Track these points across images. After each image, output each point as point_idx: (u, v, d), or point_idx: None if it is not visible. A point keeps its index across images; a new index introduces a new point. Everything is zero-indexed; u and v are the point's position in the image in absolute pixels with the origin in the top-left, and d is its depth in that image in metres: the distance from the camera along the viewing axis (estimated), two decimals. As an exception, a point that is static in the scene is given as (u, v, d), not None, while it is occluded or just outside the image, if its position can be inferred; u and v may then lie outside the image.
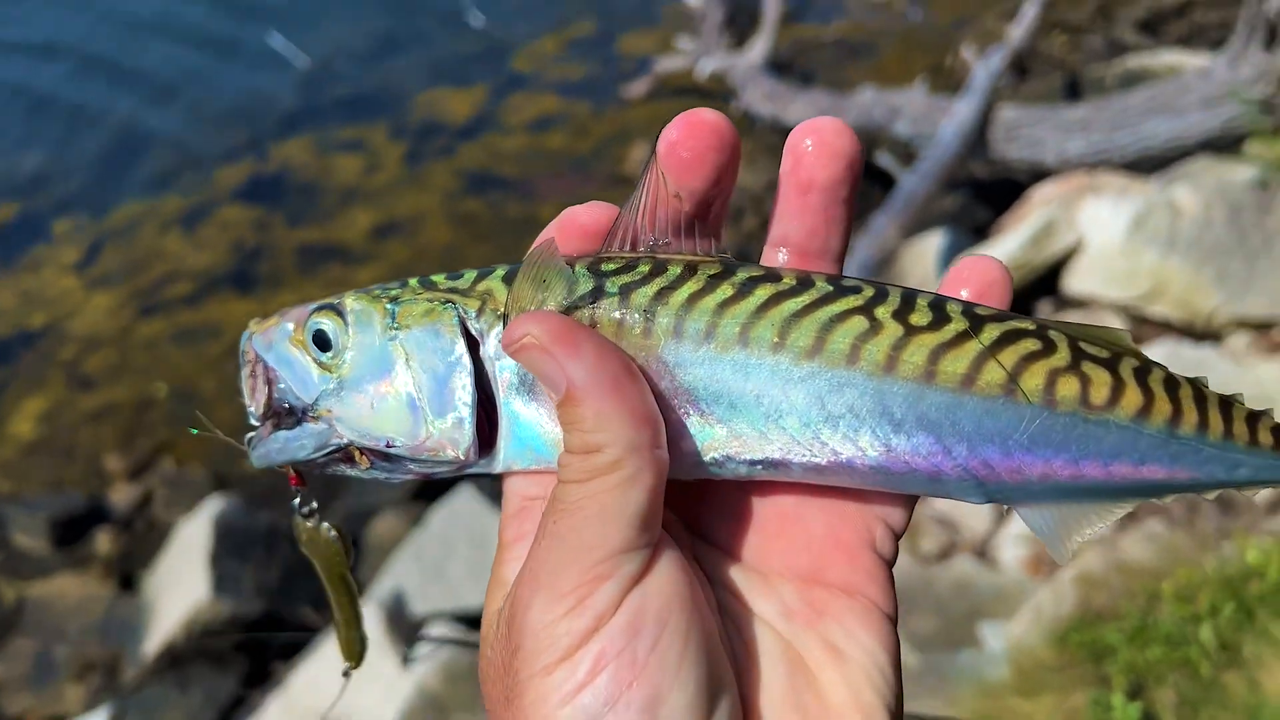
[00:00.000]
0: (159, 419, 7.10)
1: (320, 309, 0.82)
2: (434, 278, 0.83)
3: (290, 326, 0.83)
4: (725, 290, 0.75)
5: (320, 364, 0.82)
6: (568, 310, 0.74)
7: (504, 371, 0.78)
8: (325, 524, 0.88)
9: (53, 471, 6.86)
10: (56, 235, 8.75)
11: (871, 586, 0.75)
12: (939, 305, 0.76)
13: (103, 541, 6.26)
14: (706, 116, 0.74)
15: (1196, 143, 6.78)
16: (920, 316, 0.75)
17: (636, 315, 0.75)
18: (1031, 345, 0.75)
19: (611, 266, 0.76)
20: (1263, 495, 4.93)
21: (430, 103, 9.76)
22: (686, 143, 0.74)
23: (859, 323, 0.74)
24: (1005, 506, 0.78)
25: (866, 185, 8.11)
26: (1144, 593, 3.19)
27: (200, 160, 9.13)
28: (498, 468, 0.79)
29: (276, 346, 0.83)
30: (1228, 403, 0.77)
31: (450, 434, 0.78)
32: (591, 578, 0.66)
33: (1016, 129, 7.32)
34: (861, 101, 7.99)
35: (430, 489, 5.97)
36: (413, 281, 0.83)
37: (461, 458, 0.78)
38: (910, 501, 0.78)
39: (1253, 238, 6.09)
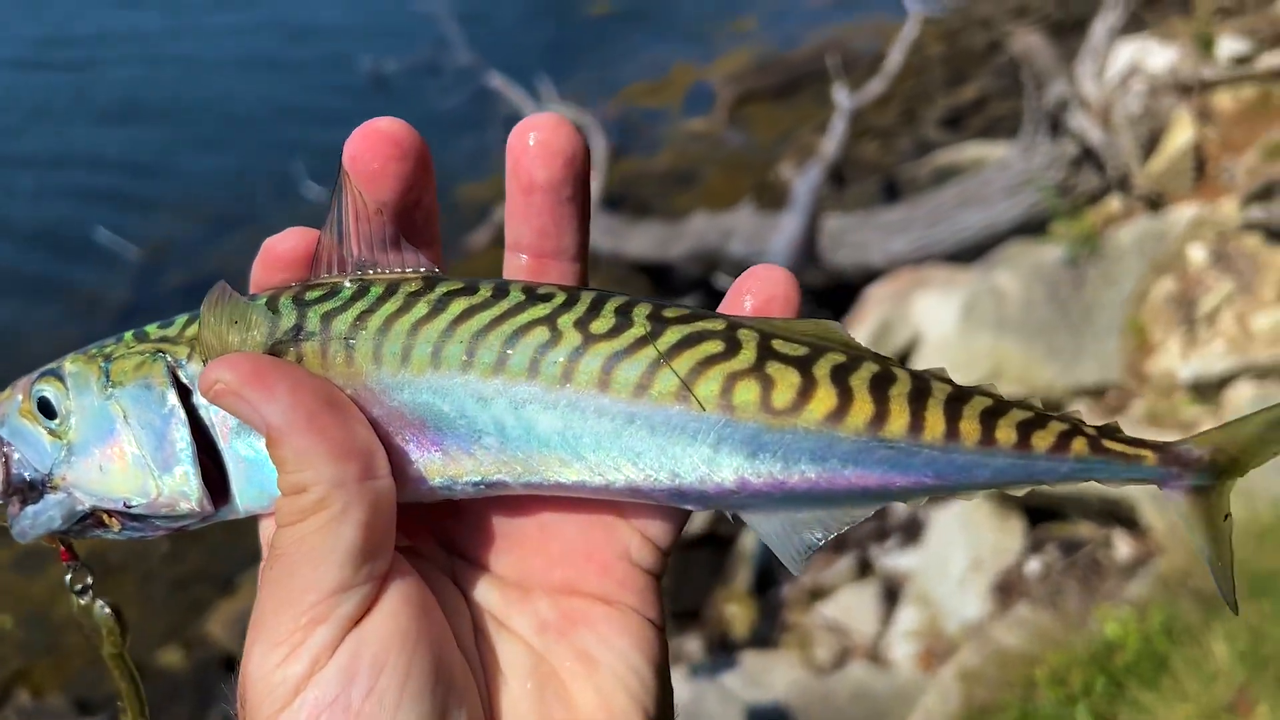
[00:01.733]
0: (9, 650, 6.65)
1: (42, 375, 0.80)
2: (147, 328, 0.81)
3: (19, 398, 0.81)
4: (421, 309, 0.73)
5: (50, 432, 0.79)
6: (273, 347, 0.72)
7: (220, 414, 0.75)
8: (99, 601, 0.84)
9: (-107, 725, 6.32)
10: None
11: (629, 595, 0.73)
12: (626, 310, 0.73)
13: (-45, 795, 5.76)
14: (383, 125, 0.73)
15: (1007, 229, 7.21)
16: (602, 323, 0.72)
17: (338, 344, 0.73)
18: (713, 347, 0.71)
19: (315, 295, 0.74)
20: (1124, 555, 5.12)
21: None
22: (368, 155, 0.72)
23: (541, 334, 0.72)
24: (731, 516, 0.74)
25: (711, 305, 8.31)
26: (1020, 681, 3.24)
27: (38, 360, 8.79)
28: (240, 513, 0.77)
29: (9, 420, 0.81)
30: (961, 397, 0.71)
31: (179, 488, 0.76)
32: (306, 621, 0.64)
33: (842, 235, 7.66)
34: (695, 227, 8.25)
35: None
36: (127, 335, 0.81)
37: (197, 509, 0.76)
38: (674, 512, 0.75)
39: (1073, 311, 6.45)
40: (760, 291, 0.75)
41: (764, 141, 10.77)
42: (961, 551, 5.60)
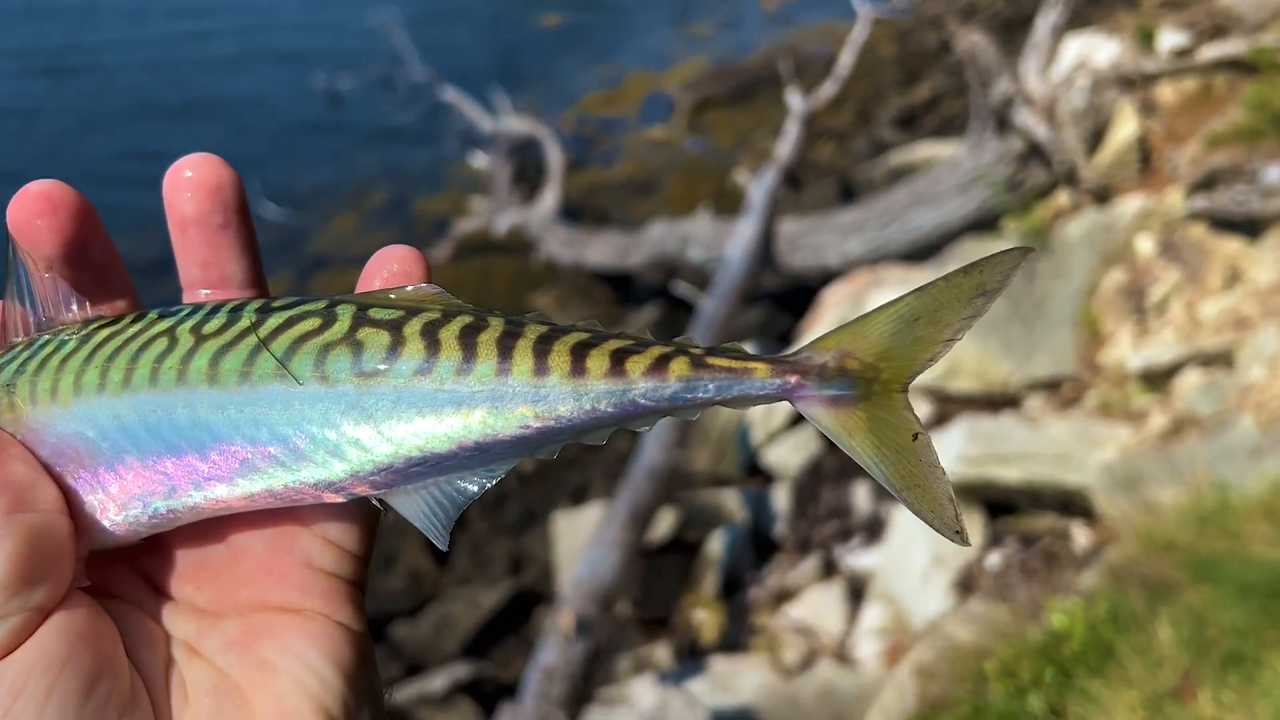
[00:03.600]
0: None
1: None
2: None
3: None
4: (71, 344, 0.75)
5: None
6: None
7: None
8: None
9: None
10: None
11: (314, 600, 0.74)
12: (239, 309, 0.75)
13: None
14: (34, 186, 0.75)
15: (959, 226, 7.28)
16: (215, 323, 0.74)
17: (3, 391, 0.74)
18: (310, 325, 0.72)
19: (3, 358, 0.76)
20: (1081, 546, 5.17)
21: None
22: (22, 216, 0.74)
23: (160, 344, 0.74)
24: (377, 505, 0.73)
25: (671, 313, 8.36)
26: (972, 676, 3.27)
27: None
28: None
29: None
30: (553, 335, 0.70)
31: None
32: None
33: (798, 239, 7.71)
34: (653, 235, 8.28)
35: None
36: None
37: None
38: (352, 509, 0.75)
39: (1024, 305, 6.52)
40: (384, 269, 0.77)
41: (721, 147, 10.82)
42: (923, 548, 5.63)
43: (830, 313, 7.00)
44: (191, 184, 0.77)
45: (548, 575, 6.43)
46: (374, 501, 0.73)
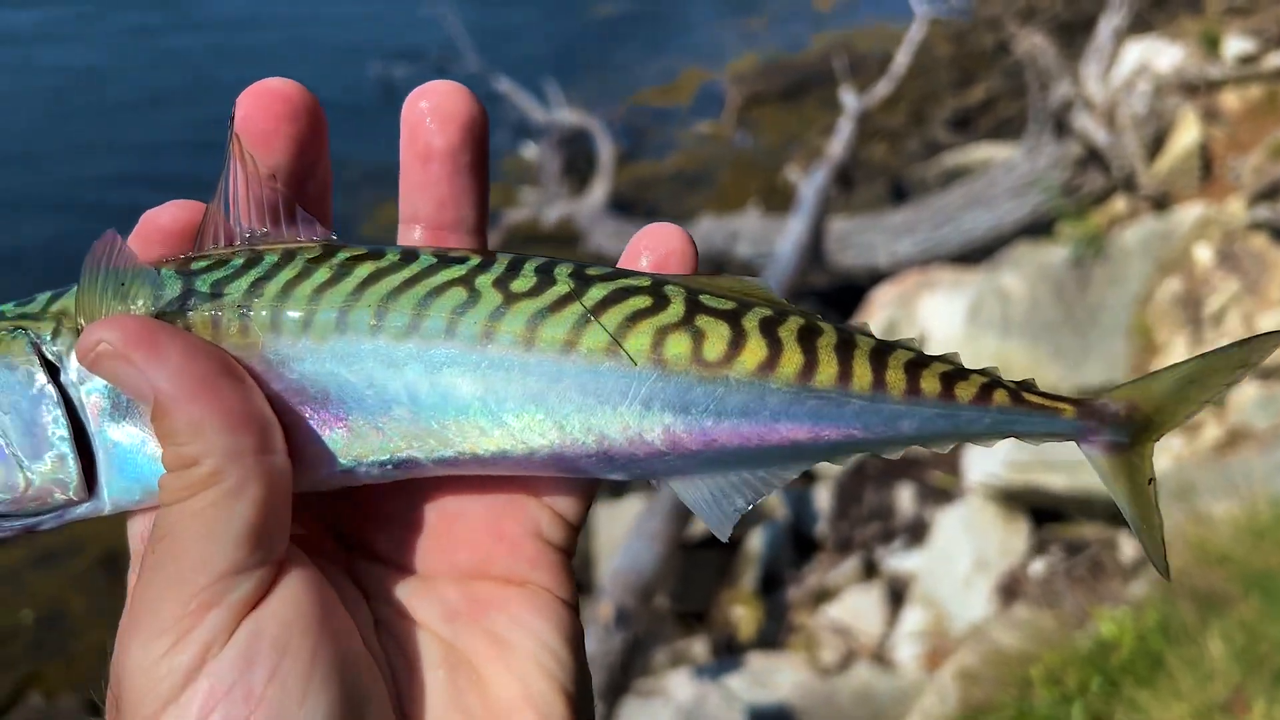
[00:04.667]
0: (21, 650, 6.71)
1: None
2: (2, 307, 0.73)
3: None
4: (322, 274, 0.68)
5: None
6: (156, 316, 0.67)
7: (92, 395, 0.69)
8: None
9: (-93, 726, 6.39)
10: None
11: (541, 573, 0.70)
12: (547, 269, 0.70)
13: (-33, 796, 5.82)
14: (274, 84, 0.69)
15: (1013, 230, 7.20)
16: (523, 282, 0.69)
17: (231, 313, 0.67)
18: (641, 302, 0.69)
19: (202, 264, 0.69)
20: (1128, 557, 5.11)
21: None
22: (259, 115, 0.68)
23: (457, 294, 0.68)
24: (653, 482, 0.72)
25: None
26: (1017, 681, 3.25)
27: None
28: (106, 508, 0.70)
29: None
30: (884, 350, 0.71)
31: (52, 476, 0.68)
32: (196, 607, 0.59)
33: (848, 237, 7.67)
34: (702, 229, 8.27)
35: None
36: None
37: (72, 498, 0.69)
38: (583, 485, 0.73)
39: (1078, 312, 6.44)
40: (656, 248, 0.74)
41: (772, 144, 10.79)
42: (966, 552, 5.60)
43: (879, 313, 6.96)
44: (442, 115, 0.71)
45: (587, 566, 6.45)
46: (652, 482, 0.72)
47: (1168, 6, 9.68)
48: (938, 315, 6.72)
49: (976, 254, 7.32)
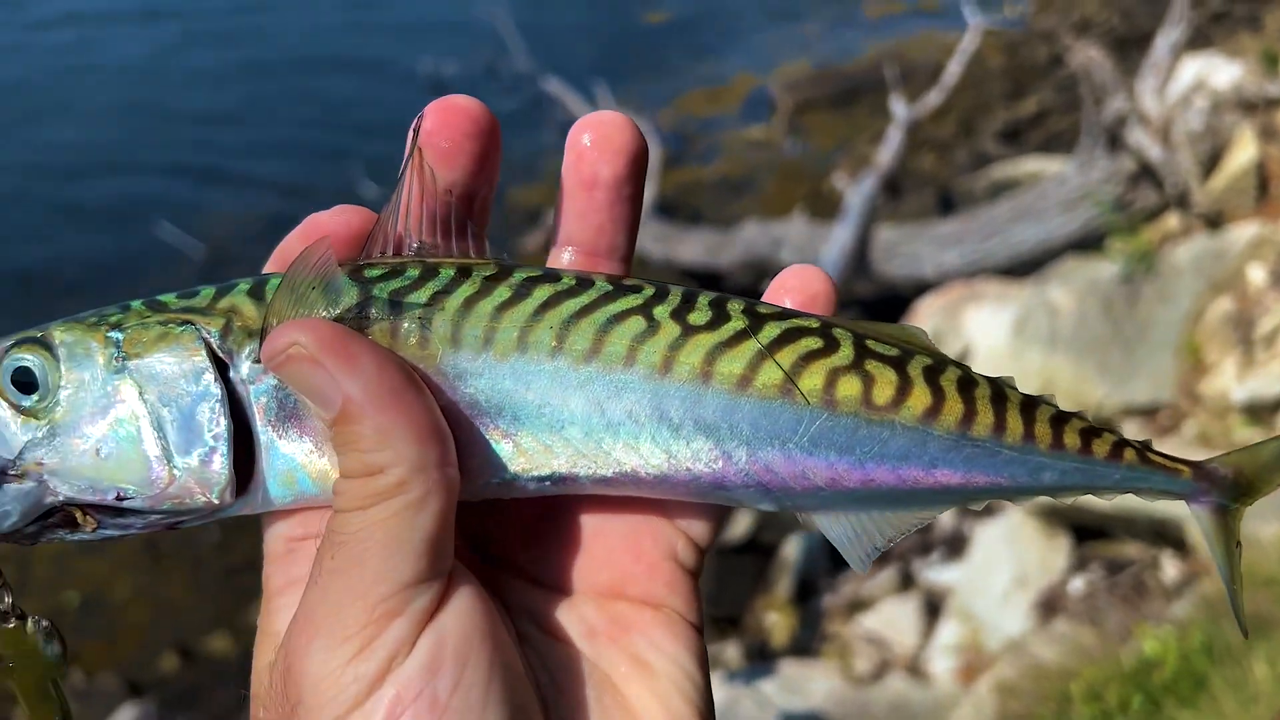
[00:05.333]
0: (67, 629, 6.82)
1: (18, 344, 0.70)
2: (162, 298, 0.73)
3: None
4: (502, 292, 0.70)
5: (21, 410, 0.69)
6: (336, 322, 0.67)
7: (260, 397, 0.69)
8: (33, 619, 0.72)
9: (-47, 699, 6.52)
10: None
11: (674, 598, 0.72)
12: (720, 304, 0.72)
13: (9, 768, 5.93)
14: (460, 101, 0.69)
15: (1062, 244, 7.14)
16: (699, 316, 0.71)
17: (411, 323, 0.68)
18: (813, 344, 0.71)
19: (376, 272, 0.70)
20: (1171, 577, 5.05)
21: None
22: (444, 132, 0.69)
23: (637, 323, 0.70)
24: (799, 515, 0.75)
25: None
26: (1056, 696, 3.22)
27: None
28: (256, 508, 0.70)
29: None
30: (1031, 404, 0.74)
31: (201, 474, 0.68)
32: (379, 615, 0.60)
33: (894, 247, 7.64)
34: (746, 235, 8.27)
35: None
36: (136, 304, 0.72)
37: (215, 501, 0.68)
38: (715, 514, 0.75)
39: (1126, 328, 6.37)
40: (802, 290, 0.76)
41: (820, 151, 10.76)
42: (1006, 567, 5.55)
43: (923, 325, 6.92)
44: (613, 146, 0.72)
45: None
46: (799, 515, 0.74)
47: (1226, 23, 9.55)
48: (983, 328, 6.67)
49: (1024, 267, 7.26)
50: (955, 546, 6.04)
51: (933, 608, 5.75)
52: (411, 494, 0.61)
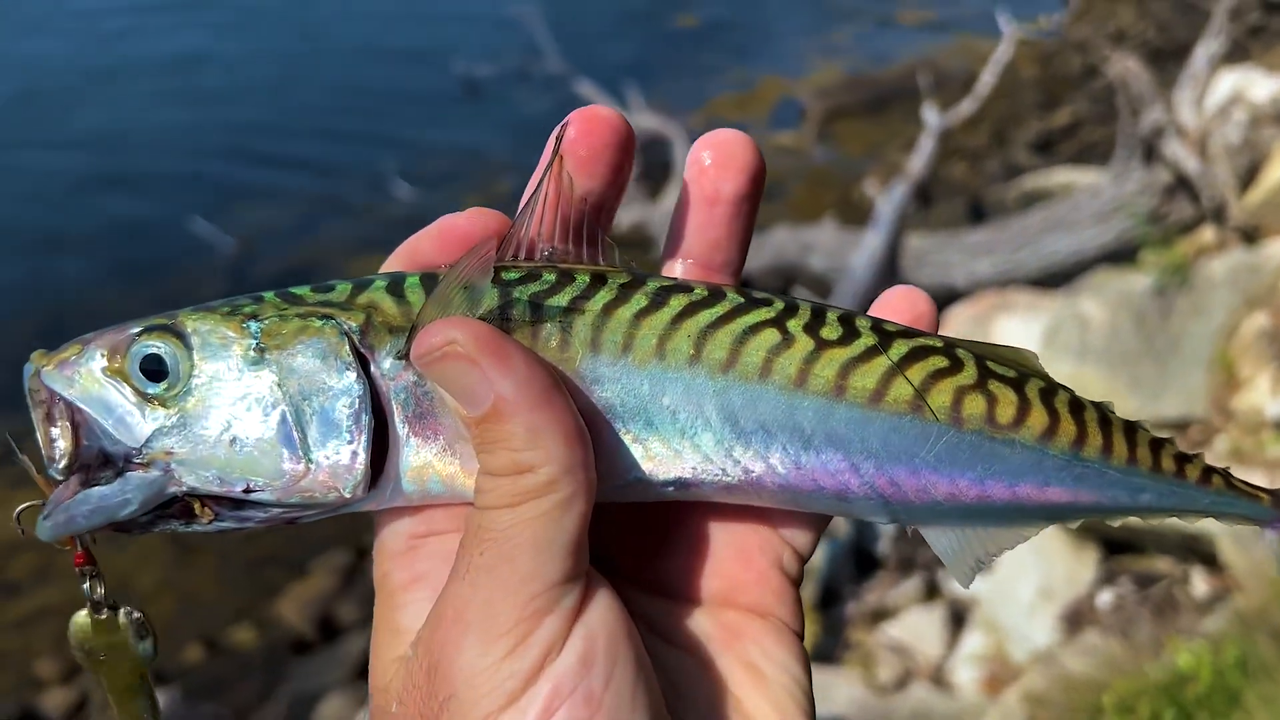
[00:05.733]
0: (92, 617, 6.88)
1: (147, 331, 0.70)
2: (295, 290, 0.72)
3: (101, 354, 0.70)
4: (640, 300, 0.71)
5: (149, 397, 0.69)
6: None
7: (399, 393, 0.69)
8: (124, 610, 0.72)
9: (-19, 683, 6.59)
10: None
11: (781, 607, 0.73)
12: (848, 320, 0.74)
13: (35, 753, 5.99)
14: (603, 112, 0.71)
15: (1095, 255, 7.09)
16: (831, 331, 0.73)
17: (552, 326, 0.69)
18: (939, 362, 0.73)
19: (514, 275, 0.70)
20: (1201, 592, 5.00)
21: (359, 270, 9.75)
22: (584, 140, 0.70)
23: (771, 335, 0.71)
24: (909, 529, 0.76)
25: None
26: (1086, 708, 3.20)
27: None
28: (382, 504, 0.70)
29: (79, 380, 0.69)
30: (1132, 428, 0.77)
31: (337, 468, 0.68)
32: (531, 612, 0.61)
33: (925, 255, 7.61)
34: (775, 240, 8.25)
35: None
36: (269, 295, 0.72)
37: (347, 496, 0.68)
38: (817, 524, 0.76)
39: (1158, 342, 6.32)
40: (908, 310, 0.78)
41: (850, 158, 10.73)
42: (1033, 579, 5.52)
43: (953, 332, 6.87)
44: (734, 163, 0.74)
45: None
46: (908, 529, 0.77)
47: (1264, 37, 9.48)
48: (1013, 338, 6.64)
49: (1055, 278, 7.22)
50: (981, 557, 6.01)
51: (957, 618, 5.72)
52: (560, 493, 0.62)
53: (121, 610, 0.72)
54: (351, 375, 0.68)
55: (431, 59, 12.95)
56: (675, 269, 0.77)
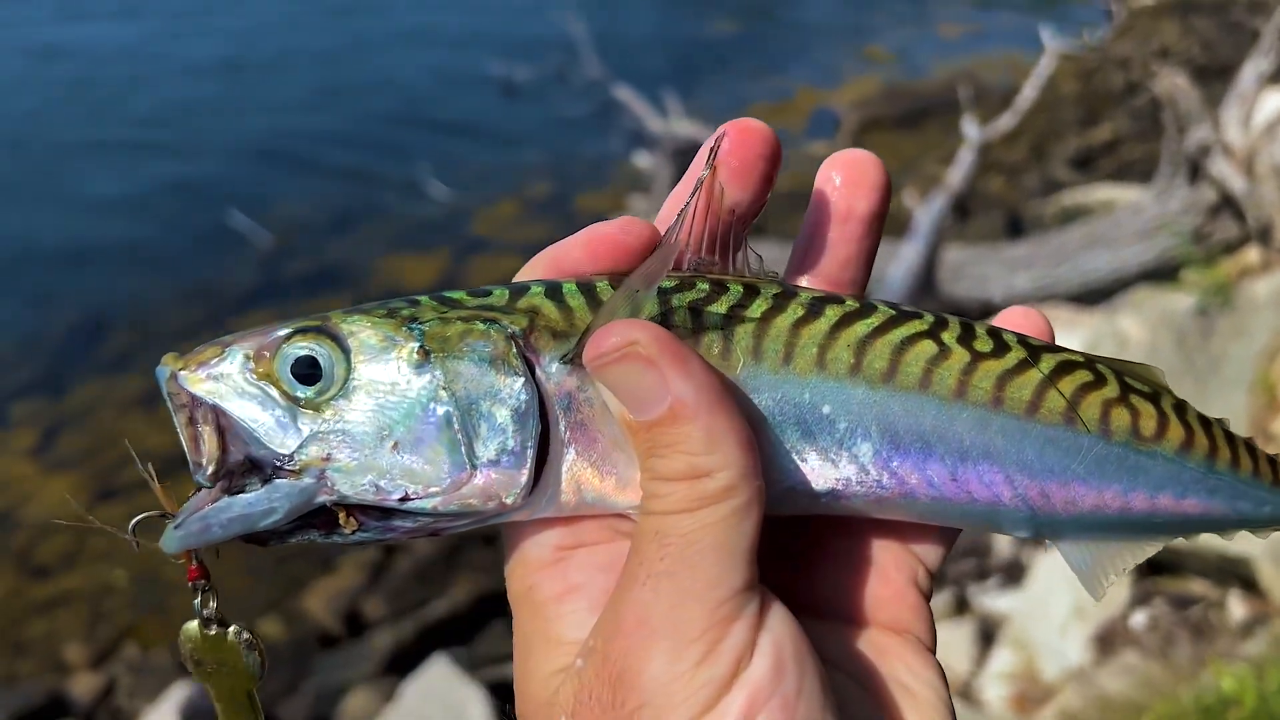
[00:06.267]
0: (121, 605, 6.93)
1: (301, 332, 0.67)
2: (451, 294, 0.70)
3: (242, 356, 0.67)
4: (796, 309, 0.70)
5: (302, 402, 0.66)
6: None
7: (564, 399, 0.67)
8: (234, 628, 0.70)
9: (8, 664, 6.64)
10: (14, 419, 8.69)
11: (918, 623, 0.74)
12: (996, 334, 0.75)
13: (62, 737, 6.02)
14: (755, 124, 0.71)
15: (1136, 273, 7.02)
16: (983, 344, 0.73)
17: (714, 334, 0.68)
18: (1085, 376, 0.74)
19: (669, 284, 0.70)
20: (1236, 618, 4.93)
21: (392, 270, 9.93)
22: (738, 152, 0.70)
23: (929, 347, 0.71)
24: (1046, 542, 0.77)
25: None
26: (1125, 729, 3.15)
27: (162, 339, 9.18)
28: (535, 514, 0.68)
29: (226, 380, 0.67)
30: (1250, 443, 0.80)
31: (502, 477, 0.66)
32: (720, 619, 0.60)
33: (962, 268, 7.55)
34: (812, 249, 8.22)
35: (401, 662, 5.83)
36: (425, 299, 0.70)
37: (508, 503, 0.66)
38: (947, 539, 0.76)
39: (1199, 362, 6.24)
40: (1030, 330, 0.79)
41: (889, 168, 10.66)
42: (1065, 597, 5.45)
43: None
44: (868, 182, 0.76)
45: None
46: (1045, 542, 0.77)
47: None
48: (1050, 354, 6.58)
49: (1095, 295, 7.15)
50: (1013, 574, 5.94)
51: (987, 634, 5.66)
52: (739, 499, 0.61)
53: (231, 628, 0.71)
54: (520, 380, 0.67)
55: (471, 61, 13.01)
56: (803, 285, 0.77)
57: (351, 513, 0.66)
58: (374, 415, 0.66)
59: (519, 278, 0.73)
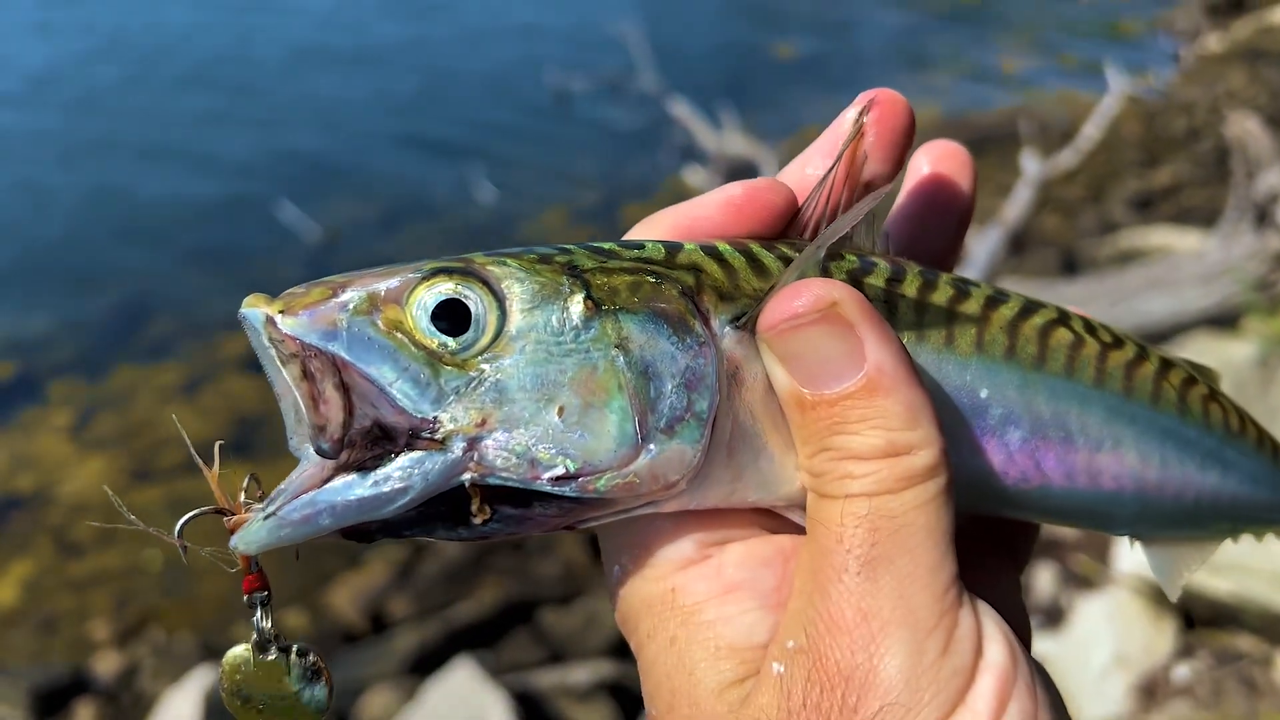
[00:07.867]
0: (150, 586, 6.95)
1: (443, 273, 0.55)
2: (603, 244, 0.60)
3: (367, 297, 0.54)
4: (946, 289, 0.67)
5: (444, 357, 0.53)
6: None
7: (733, 370, 0.57)
8: (297, 651, 0.57)
9: (36, 639, 6.66)
10: (51, 398, 8.75)
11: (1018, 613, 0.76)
12: (1107, 327, 0.77)
13: (84, 714, 6.03)
14: (899, 97, 0.68)
15: (1195, 319, 6.88)
16: (1105, 334, 0.74)
17: (878, 307, 0.60)
18: (1183, 372, 0.78)
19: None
20: (1287, 678, 4.76)
21: (437, 271, 9.94)
22: (886, 123, 0.68)
23: (1066, 335, 0.71)
24: (1134, 541, 0.79)
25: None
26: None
27: (203, 328, 9.22)
28: (688, 504, 0.57)
29: (351, 328, 0.53)
30: None
31: (673, 455, 0.54)
32: (949, 605, 0.56)
33: (1015, 303, 7.45)
34: (862, 275, 8.15)
35: (424, 662, 5.79)
36: (574, 247, 0.59)
37: (673, 483, 0.55)
38: (1031, 540, 0.78)
39: (1257, 411, 6.05)
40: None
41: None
42: (1107, 644, 5.32)
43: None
44: (971, 170, 0.76)
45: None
46: (1130, 540, 0.78)
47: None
48: (1102, 395, 6.46)
49: (1152, 338, 7.00)
50: (1053, 617, 5.81)
51: (1023, 677, 5.55)
52: (942, 478, 0.57)
53: (293, 651, 0.58)
54: (700, 343, 0.56)
55: (527, 69, 13.06)
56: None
57: (486, 498, 0.54)
58: (536, 374, 0.54)
59: (630, 236, 0.65)
